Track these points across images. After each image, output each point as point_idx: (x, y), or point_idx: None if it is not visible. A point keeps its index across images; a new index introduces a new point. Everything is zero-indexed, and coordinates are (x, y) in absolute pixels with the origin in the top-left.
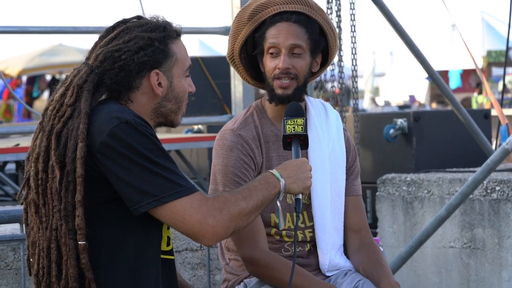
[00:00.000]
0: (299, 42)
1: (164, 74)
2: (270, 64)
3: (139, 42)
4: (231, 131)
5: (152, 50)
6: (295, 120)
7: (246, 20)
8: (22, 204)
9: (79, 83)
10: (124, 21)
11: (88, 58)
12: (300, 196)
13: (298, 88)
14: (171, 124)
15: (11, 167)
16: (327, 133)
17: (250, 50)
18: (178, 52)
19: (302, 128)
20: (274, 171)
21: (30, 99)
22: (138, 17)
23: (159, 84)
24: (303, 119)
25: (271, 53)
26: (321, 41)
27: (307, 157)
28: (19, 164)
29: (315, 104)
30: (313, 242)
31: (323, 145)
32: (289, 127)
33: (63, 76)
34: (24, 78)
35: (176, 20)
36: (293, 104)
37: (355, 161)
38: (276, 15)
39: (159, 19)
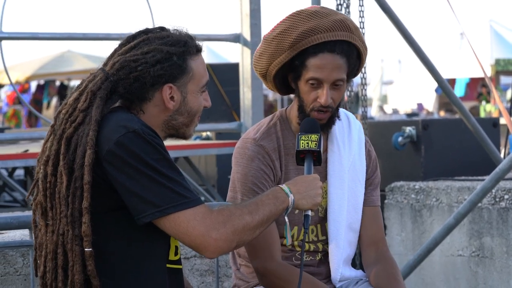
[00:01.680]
0: (341, 76)
1: (178, 88)
2: (310, 95)
3: (157, 55)
4: (253, 141)
5: (169, 64)
6: (309, 136)
7: (288, 46)
8: (31, 205)
9: (93, 89)
10: (146, 31)
11: (105, 64)
12: (309, 213)
13: (332, 116)
14: (182, 136)
15: (19, 173)
16: (348, 147)
17: (284, 72)
18: (195, 69)
19: (315, 144)
20: (284, 186)
21: (38, 107)
22: (161, 28)
23: (171, 98)
24: (317, 135)
25: (312, 84)
26: (356, 63)
27: (326, 171)
28: (28, 170)
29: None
30: (324, 252)
31: (343, 159)
32: (302, 143)
33: (72, 83)
34: (33, 85)
35: (185, 27)
36: (308, 119)
37: (374, 173)
38: (319, 44)
39: (182, 32)
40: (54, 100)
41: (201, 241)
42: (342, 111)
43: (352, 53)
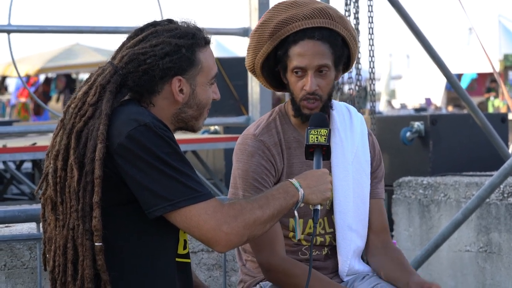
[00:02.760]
0: (325, 61)
1: (187, 81)
2: (297, 85)
3: (165, 48)
4: (253, 136)
5: (178, 57)
6: (319, 131)
7: (268, 36)
8: (40, 199)
9: (102, 83)
10: (154, 24)
11: (113, 58)
12: (319, 207)
13: (324, 105)
14: (191, 129)
15: (27, 166)
16: (351, 139)
17: (272, 65)
18: (204, 61)
19: (325, 138)
20: (294, 181)
21: (46, 99)
22: (169, 21)
23: (181, 90)
24: (327, 129)
25: (296, 72)
26: (344, 52)
27: (330, 164)
28: (36, 163)
29: (339, 109)
30: (331, 246)
31: (346, 151)
32: (312, 137)
33: (80, 76)
34: (41, 78)
35: (193, 19)
36: (317, 114)
37: (379, 166)
38: (298, 32)
39: (190, 24)
40: (63, 94)
41: (212, 235)
42: (343, 104)
43: (335, 40)
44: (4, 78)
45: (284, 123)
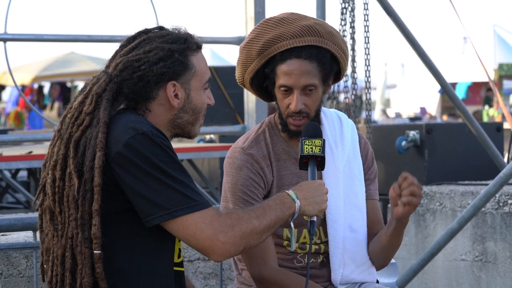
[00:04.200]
0: (311, 81)
1: (181, 86)
2: (284, 101)
3: (159, 53)
4: (241, 150)
5: (171, 61)
6: (313, 141)
7: (256, 55)
8: (37, 210)
9: (98, 92)
10: (145, 31)
11: (107, 67)
12: (315, 219)
13: (311, 121)
14: (187, 135)
15: (23, 174)
16: (341, 148)
17: (260, 80)
18: (197, 65)
19: (319, 149)
20: (290, 192)
21: (40, 107)
22: (160, 28)
23: (176, 95)
24: (321, 140)
25: (285, 91)
26: (333, 67)
27: (320, 174)
28: (31, 172)
29: (329, 117)
30: (326, 254)
31: (336, 161)
32: (306, 148)
33: (76, 84)
34: (36, 86)
35: (184, 26)
36: (311, 124)
37: (371, 167)
38: (286, 51)
39: (181, 30)
40: (57, 103)
41: (209, 244)
42: (333, 111)
43: (323, 58)
44: (3, 87)
45: (273, 135)
